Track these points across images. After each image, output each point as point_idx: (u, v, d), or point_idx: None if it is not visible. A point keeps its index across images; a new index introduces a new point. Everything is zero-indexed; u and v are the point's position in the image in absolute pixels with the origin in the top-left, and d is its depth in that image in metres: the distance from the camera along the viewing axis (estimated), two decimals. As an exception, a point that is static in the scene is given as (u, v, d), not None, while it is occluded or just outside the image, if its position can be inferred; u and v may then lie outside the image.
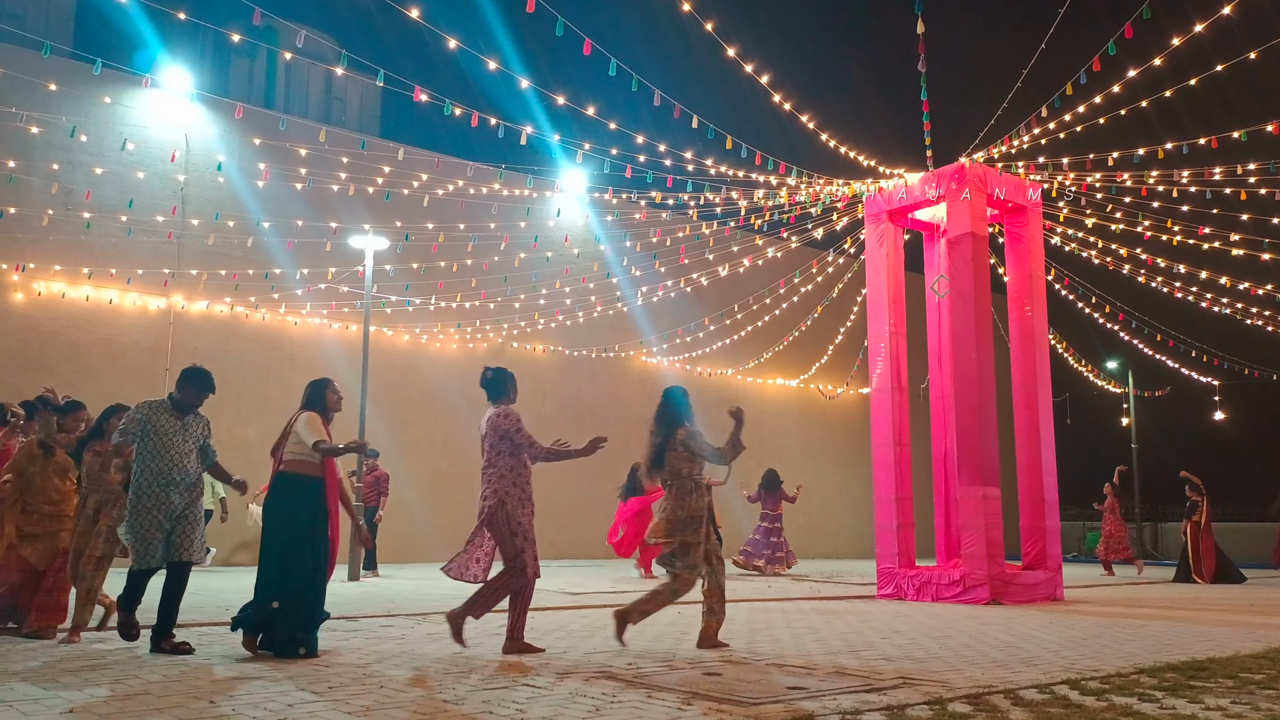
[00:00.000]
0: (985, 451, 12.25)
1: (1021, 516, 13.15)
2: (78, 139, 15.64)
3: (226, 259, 17.51)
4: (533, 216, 16.90)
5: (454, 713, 4.58)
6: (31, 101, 15.24)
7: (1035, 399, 13.22)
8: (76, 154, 16.64)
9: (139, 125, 16.99)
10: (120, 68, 16.71)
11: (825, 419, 26.46)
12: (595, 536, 21.53)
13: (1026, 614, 10.24)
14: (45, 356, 16.77)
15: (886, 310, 13.44)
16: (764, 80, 9.16)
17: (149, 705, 4.67)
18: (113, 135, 17.06)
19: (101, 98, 16.83)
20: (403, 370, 20.16)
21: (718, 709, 4.67)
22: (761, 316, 19.70)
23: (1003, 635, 8.04)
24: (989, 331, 12.63)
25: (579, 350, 22.27)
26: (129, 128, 16.91)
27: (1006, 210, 13.44)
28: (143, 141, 17.37)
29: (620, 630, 6.92)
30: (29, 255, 16.39)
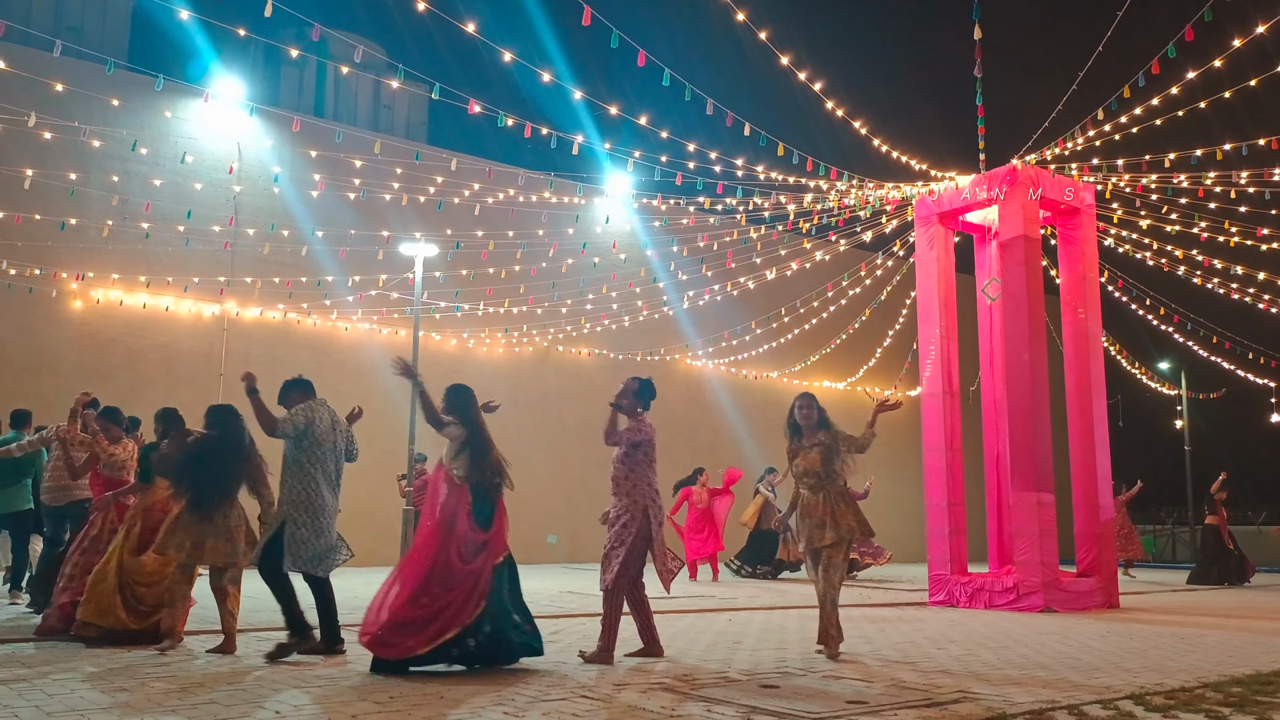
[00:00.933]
0: (1039, 457, 12.11)
1: (1076, 522, 12.97)
2: (136, 151, 15.93)
3: (279, 266, 17.76)
4: (580, 223, 16.97)
5: (515, 725, 4.61)
6: (90, 114, 15.54)
7: (1089, 403, 13.04)
8: (134, 165, 16.96)
9: (194, 137, 17.29)
10: (178, 81, 17.04)
11: (873, 421, 26.24)
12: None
13: (1082, 623, 10.11)
14: (103, 363, 17.11)
15: (937, 314, 13.32)
16: (817, 88, 9.14)
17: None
18: (169, 146, 17.38)
19: (162, 111, 17.15)
20: (450, 374, 20.17)
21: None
22: (808, 320, 19.62)
23: (1061, 646, 7.95)
24: (1042, 335, 12.48)
25: (624, 354, 22.31)
26: (185, 139, 17.22)
27: (1059, 212, 13.27)
28: (198, 152, 17.67)
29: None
30: (88, 264, 16.73)
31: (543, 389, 21.59)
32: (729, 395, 24.18)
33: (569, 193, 14.48)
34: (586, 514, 21.50)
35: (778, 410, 27.13)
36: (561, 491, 21.37)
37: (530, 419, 21.00)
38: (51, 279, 16.38)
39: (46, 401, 16.04)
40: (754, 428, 24.55)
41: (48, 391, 16.31)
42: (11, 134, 13.83)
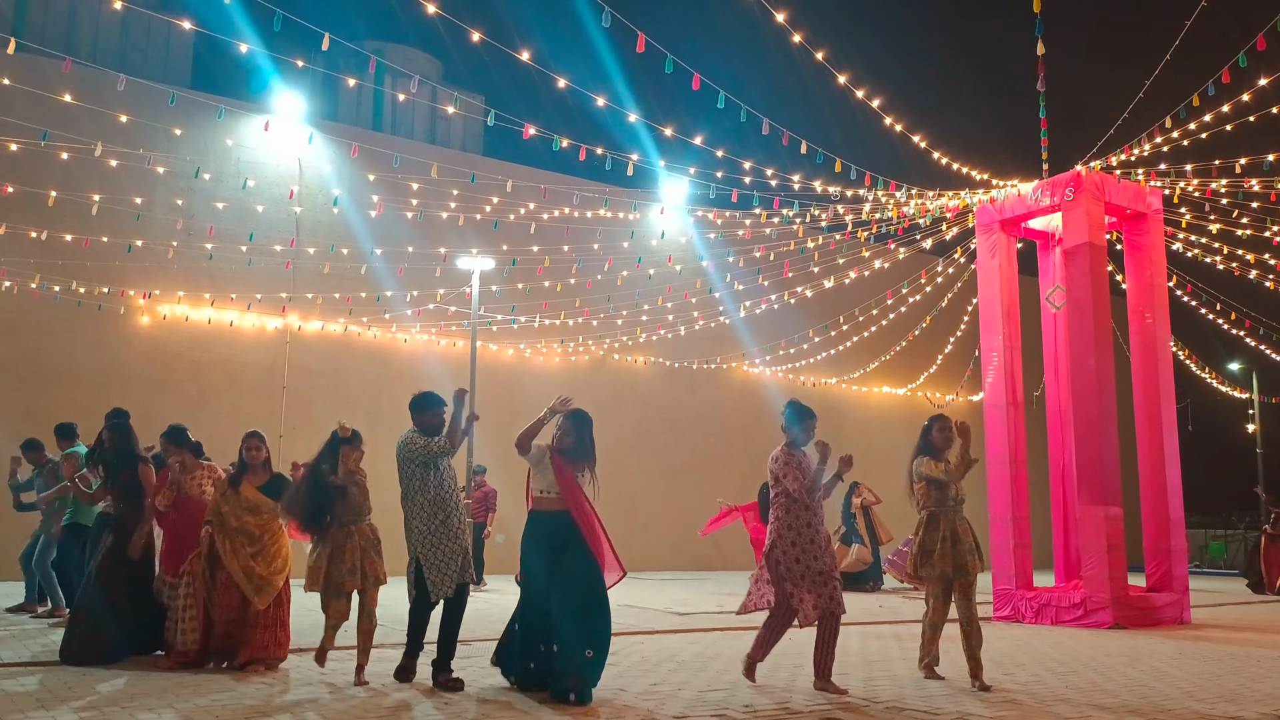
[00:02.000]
0: (1106, 469, 11.85)
1: (1145, 536, 12.67)
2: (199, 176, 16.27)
3: (340, 281, 17.99)
4: (635, 235, 16.97)
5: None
6: (154, 139, 15.87)
7: (1158, 413, 12.73)
8: (198, 186, 17.26)
9: (256, 161, 17.57)
10: (239, 101, 17.35)
11: (933, 427, 25.91)
12: (696, 548, 21.51)
13: (1153, 642, 9.85)
14: (170, 376, 17.46)
15: (1000, 322, 13.08)
16: (875, 104, 9.02)
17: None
18: (231, 165, 17.71)
19: (223, 137, 17.43)
20: (507, 384, 20.43)
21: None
22: (868, 327, 19.42)
23: (1130, 670, 7.75)
24: (1108, 344, 12.21)
25: (680, 362, 22.27)
26: (247, 163, 17.53)
27: (1125, 217, 12.98)
28: (259, 170, 17.99)
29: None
30: (155, 282, 17.10)
31: (598, 397, 21.59)
32: (786, 402, 24.01)
33: (624, 208, 14.49)
34: (640, 523, 21.50)
35: (836, 416, 27.10)
36: (616, 500, 21.36)
37: (586, 428, 21.05)
38: (119, 297, 16.76)
39: (116, 415, 16.42)
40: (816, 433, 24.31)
41: (116, 403, 16.63)
42: (79, 161, 14.16)
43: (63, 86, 12.18)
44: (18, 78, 12.96)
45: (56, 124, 13.74)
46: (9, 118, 13.11)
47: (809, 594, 6.51)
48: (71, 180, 15.46)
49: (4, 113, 13.32)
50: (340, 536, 6.83)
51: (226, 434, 17.29)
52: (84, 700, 5.89)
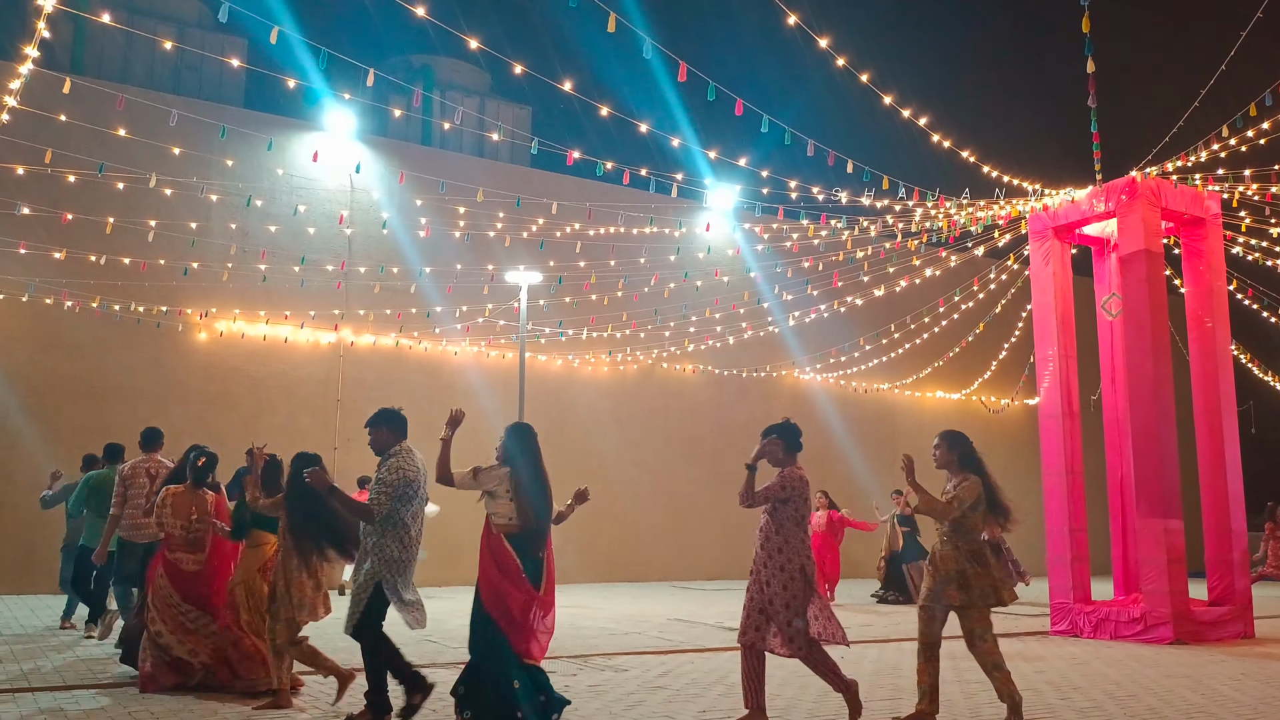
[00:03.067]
0: (1165, 482, 11.60)
1: (1206, 548, 12.39)
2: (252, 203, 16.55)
3: (390, 298, 18.21)
4: (683, 248, 16.97)
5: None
6: (208, 166, 16.15)
7: (1219, 422, 12.46)
8: (251, 209, 17.53)
9: (308, 178, 17.81)
10: (290, 120, 17.63)
11: (989, 432, 25.54)
12: (748, 556, 21.37)
13: (1215, 660, 9.63)
14: (227, 391, 17.78)
15: (1054, 332, 12.86)
16: (922, 122, 8.93)
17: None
18: (284, 183, 17.99)
19: (274, 167, 17.73)
20: (556, 394, 20.52)
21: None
22: (920, 334, 19.21)
23: (1191, 694, 7.58)
24: (1166, 354, 11.95)
25: (729, 370, 22.20)
26: (299, 181, 17.81)
27: (1183, 223, 12.71)
28: (311, 191, 18.25)
29: None
30: (211, 301, 17.44)
31: (647, 406, 21.63)
32: (838, 409, 23.83)
33: (671, 223, 14.51)
34: (692, 531, 21.49)
35: (889, 423, 26.88)
36: (666, 508, 21.37)
37: (634, 436, 21.07)
38: (177, 316, 17.10)
39: (176, 429, 16.70)
40: (863, 441, 24.15)
41: (177, 420, 17.02)
42: (136, 189, 14.48)
43: (118, 120, 12.47)
44: (75, 111, 13.29)
45: (113, 153, 14.08)
46: (67, 150, 13.46)
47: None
48: (129, 207, 15.82)
49: (62, 145, 13.67)
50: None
51: (284, 448, 17.50)
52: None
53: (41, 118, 12.46)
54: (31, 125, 13.15)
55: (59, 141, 13.71)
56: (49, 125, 12.61)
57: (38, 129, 13.35)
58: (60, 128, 12.49)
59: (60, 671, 8.22)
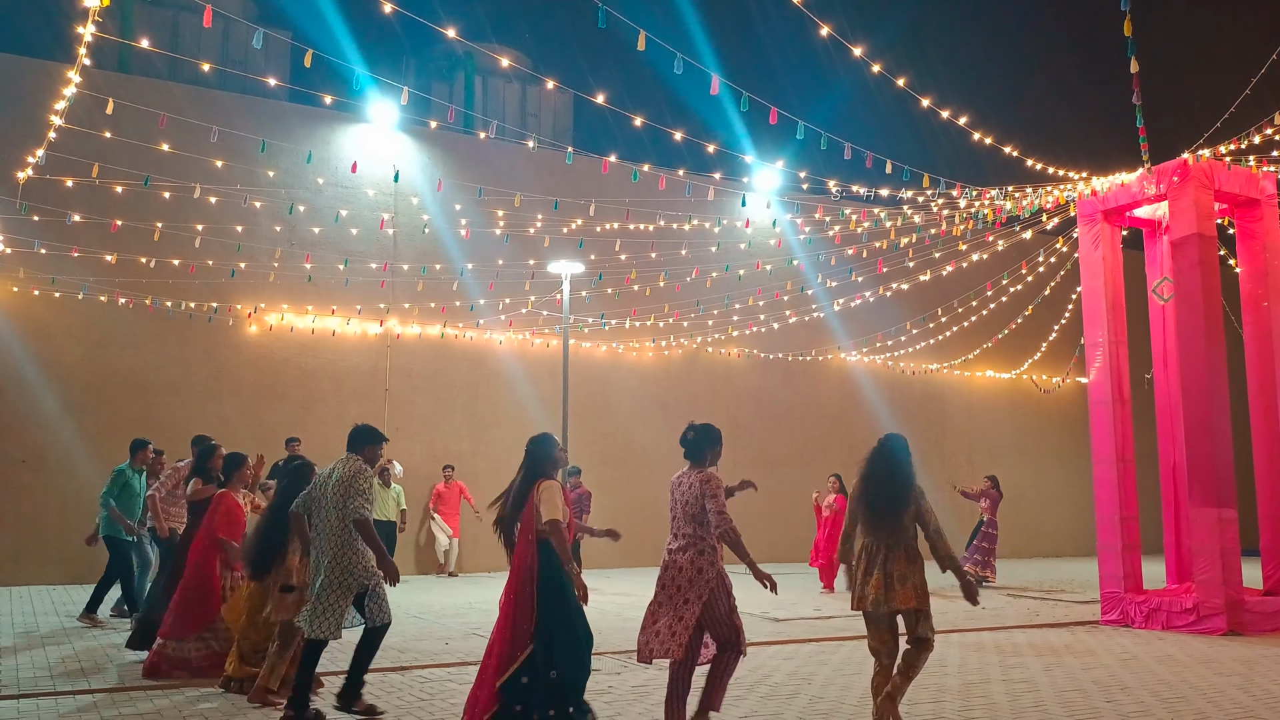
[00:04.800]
0: (1219, 470, 11.39)
1: (1262, 537, 12.16)
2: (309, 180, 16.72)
3: (434, 289, 18.34)
4: (723, 241, 16.91)
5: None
6: (251, 175, 16.30)
7: (1274, 407, 12.17)
8: (297, 198, 17.71)
9: (351, 178, 17.95)
10: (333, 112, 17.74)
11: (1040, 411, 25.27)
12: (795, 539, 21.39)
13: (1269, 654, 9.46)
14: (278, 382, 18.05)
15: (1104, 316, 12.64)
16: (962, 121, 8.78)
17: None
18: (329, 183, 18.15)
19: (315, 177, 17.89)
20: (600, 380, 20.56)
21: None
22: (968, 318, 18.97)
23: (1243, 696, 7.46)
24: (1220, 339, 11.70)
25: (775, 354, 22.09)
26: (342, 185, 17.98)
27: (1237, 204, 12.40)
28: (355, 192, 18.39)
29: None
30: (260, 297, 17.71)
31: (692, 390, 21.60)
32: (885, 391, 23.64)
33: (711, 215, 14.47)
34: (737, 515, 21.29)
35: (937, 405, 26.58)
36: (716, 492, 21.35)
37: (679, 422, 20.95)
38: (227, 312, 17.39)
39: (229, 421, 17.07)
40: (912, 422, 23.94)
41: (230, 412, 17.35)
42: (182, 194, 14.71)
43: (161, 136, 12.72)
44: (119, 124, 13.47)
45: (158, 163, 14.32)
46: (114, 160, 13.71)
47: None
48: (177, 213, 16.02)
49: (109, 155, 13.93)
50: None
51: (334, 436, 17.81)
52: None
53: (87, 131, 12.74)
54: (77, 138, 13.40)
55: (104, 153, 13.95)
56: (94, 138, 12.87)
57: (83, 142, 13.57)
58: (105, 141, 12.78)
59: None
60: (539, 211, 15.49)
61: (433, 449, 18.72)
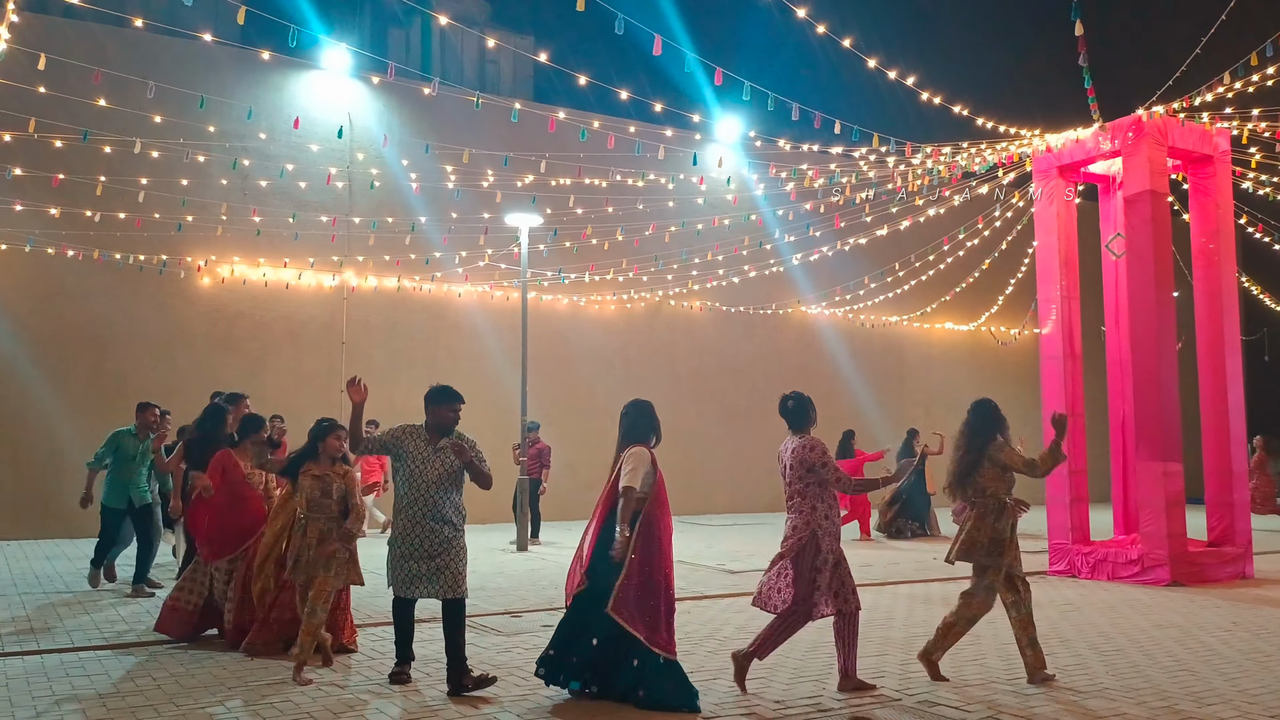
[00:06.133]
0: (1166, 425, 11.58)
1: (1207, 490, 12.41)
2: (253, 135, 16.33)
3: (390, 240, 18.06)
4: (681, 193, 16.73)
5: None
6: (193, 132, 15.79)
7: (1222, 364, 12.36)
8: (248, 150, 17.33)
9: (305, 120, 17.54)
10: (286, 58, 17.30)
11: (997, 363, 25.52)
12: (756, 491, 21.56)
13: (1209, 607, 9.67)
14: (232, 335, 17.84)
15: (1058, 272, 12.76)
16: (910, 81, 8.71)
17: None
18: (281, 133, 17.74)
19: (257, 132, 17.31)
20: (562, 333, 20.51)
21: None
22: (925, 271, 19.04)
23: (1179, 649, 7.63)
24: (1170, 297, 11.85)
25: (736, 306, 22.10)
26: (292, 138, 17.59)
27: (1191, 160, 12.47)
28: (309, 138, 17.99)
29: (934, 673, 6.60)
30: (211, 249, 17.39)
31: (654, 343, 21.62)
32: (845, 343, 23.78)
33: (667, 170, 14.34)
34: (700, 467, 21.60)
35: (896, 357, 26.71)
36: (674, 445, 21.34)
37: (641, 374, 21.08)
38: (178, 264, 17.09)
39: (182, 375, 16.90)
40: (871, 374, 24.14)
41: (183, 365, 17.16)
42: (125, 151, 14.29)
43: (96, 92, 12.37)
44: (55, 80, 13.00)
45: (97, 117, 13.84)
46: (49, 119, 13.22)
47: (837, 594, 6.38)
48: (123, 164, 15.54)
49: (47, 114, 13.34)
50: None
51: (289, 391, 17.78)
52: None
53: (20, 86, 12.35)
54: (13, 93, 12.98)
55: (40, 108, 13.41)
56: (28, 92, 12.48)
57: (18, 96, 13.06)
58: (41, 95, 12.39)
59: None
60: (497, 163, 15.27)
61: (392, 403, 18.58)
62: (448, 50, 22.11)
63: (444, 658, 6.40)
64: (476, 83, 21.86)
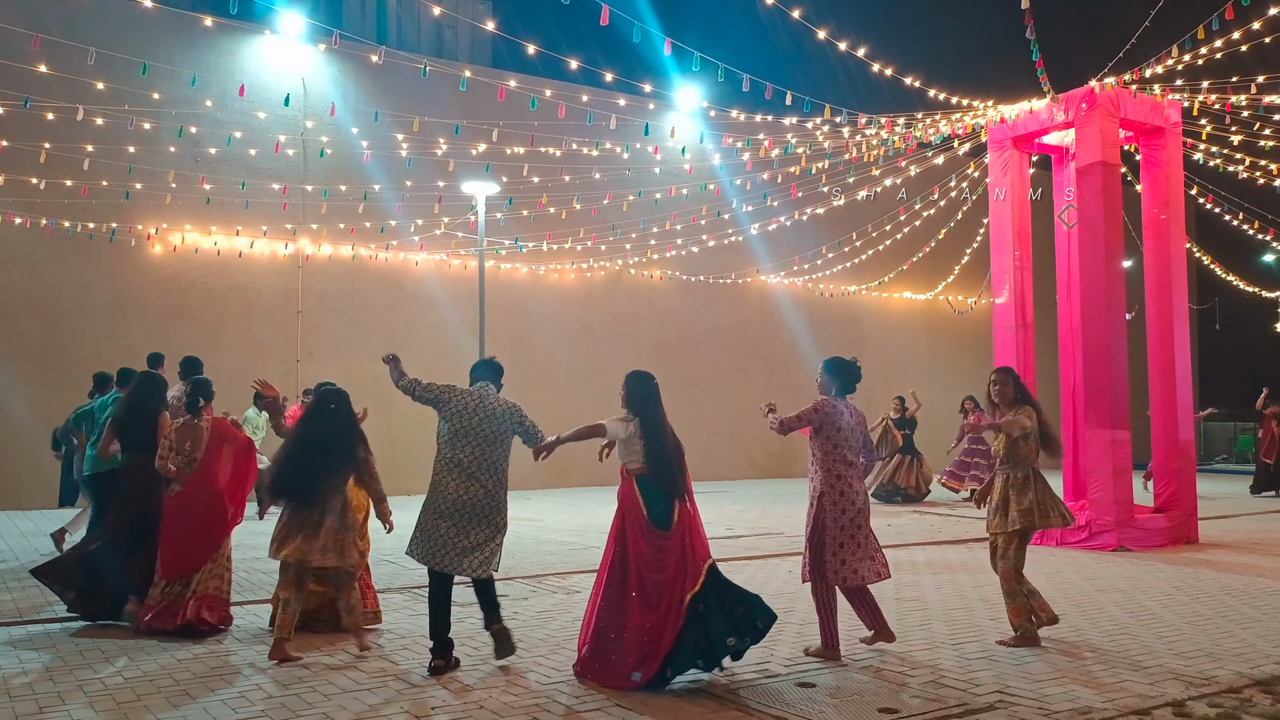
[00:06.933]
0: (1114, 394, 11.78)
1: (1154, 457, 12.69)
2: (201, 102, 16.01)
3: (345, 212, 17.79)
4: (639, 162, 16.65)
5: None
6: (138, 98, 15.46)
7: (1170, 333, 12.57)
8: (200, 116, 17.01)
9: (258, 86, 17.22)
10: (238, 23, 16.98)
11: (954, 332, 25.80)
12: (717, 460, 21.71)
13: (1152, 572, 9.90)
14: (185, 304, 17.60)
15: (1010, 243, 12.92)
16: (860, 53, 8.71)
17: None
18: (232, 90, 17.41)
19: (203, 101, 16.91)
20: (522, 302, 20.44)
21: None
22: (882, 241, 19.15)
23: (1120, 613, 7.80)
24: (1120, 269, 12.02)
25: (697, 276, 22.13)
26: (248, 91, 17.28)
27: (1143, 132, 12.62)
28: (252, 121, 17.66)
29: (1034, 640, 6.75)
30: (163, 217, 17.08)
31: (615, 312, 21.61)
32: (805, 312, 23.90)
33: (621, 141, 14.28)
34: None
35: (855, 326, 26.83)
36: (637, 413, 21.52)
37: (602, 343, 21.10)
38: (128, 232, 16.80)
39: (134, 344, 16.63)
40: (831, 343, 24.25)
41: (135, 335, 16.91)
42: (66, 122, 13.96)
43: (35, 58, 12.05)
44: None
45: (41, 82, 13.44)
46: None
47: (859, 561, 6.40)
48: (68, 131, 15.16)
49: None
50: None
51: (243, 360, 17.60)
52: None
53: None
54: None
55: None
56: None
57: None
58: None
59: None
60: (450, 131, 15.11)
61: (348, 372, 18.46)
62: (405, 15, 21.83)
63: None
64: (434, 48, 21.64)
